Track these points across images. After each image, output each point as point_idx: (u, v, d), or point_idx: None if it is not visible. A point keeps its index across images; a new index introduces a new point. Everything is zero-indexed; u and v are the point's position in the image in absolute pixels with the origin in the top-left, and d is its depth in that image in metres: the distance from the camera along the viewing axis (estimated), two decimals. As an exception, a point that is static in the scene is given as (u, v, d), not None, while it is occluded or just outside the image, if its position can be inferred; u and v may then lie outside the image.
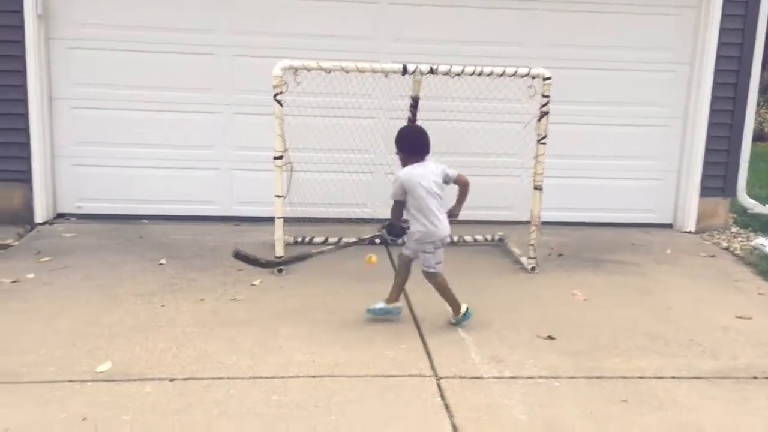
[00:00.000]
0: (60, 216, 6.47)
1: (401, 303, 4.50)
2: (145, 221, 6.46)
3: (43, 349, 3.82)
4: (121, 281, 4.93)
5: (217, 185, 6.59)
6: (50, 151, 6.34)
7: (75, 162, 6.43)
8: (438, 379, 3.67)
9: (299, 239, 5.88)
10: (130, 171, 6.47)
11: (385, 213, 6.36)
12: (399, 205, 4.33)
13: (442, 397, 3.49)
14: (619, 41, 6.65)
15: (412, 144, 4.38)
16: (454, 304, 4.36)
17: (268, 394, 3.44)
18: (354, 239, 5.18)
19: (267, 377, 3.63)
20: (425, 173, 4.25)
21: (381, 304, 4.40)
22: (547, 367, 3.85)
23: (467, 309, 4.35)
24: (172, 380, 3.55)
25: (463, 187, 4.46)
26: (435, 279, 4.35)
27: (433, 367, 3.80)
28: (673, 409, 3.44)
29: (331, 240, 5.93)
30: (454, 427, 3.22)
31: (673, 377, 3.78)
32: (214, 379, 3.58)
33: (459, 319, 4.35)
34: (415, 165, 4.29)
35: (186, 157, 6.49)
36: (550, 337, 4.23)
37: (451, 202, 4.50)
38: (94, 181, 6.46)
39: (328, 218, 6.32)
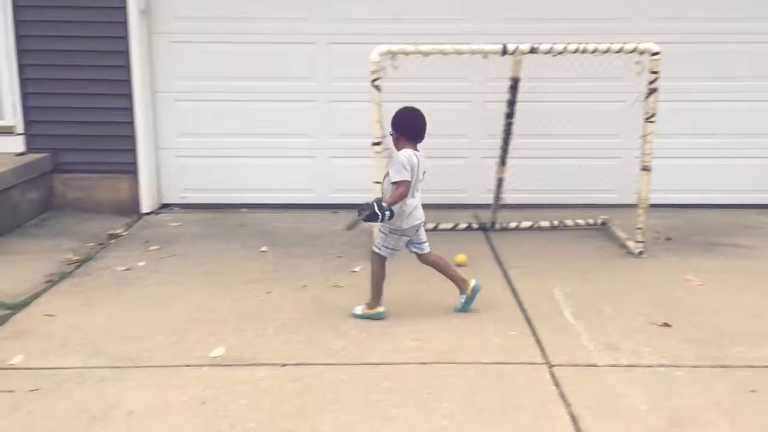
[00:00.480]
0: (164, 206, 6.68)
1: (383, 307, 4.18)
2: (244, 210, 6.59)
3: (159, 334, 3.93)
4: (226, 269, 5.04)
5: (315, 173, 6.65)
6: (154, 143, 6.54)
7: (178, 153, 6.62)
8: (550, 367, 3.56)
9: (397, 226, 5.84)
10: (229, 161, 6.61)
11: (482, 197, 6.34)
12: (406, 185, 4.00)
13: (557, 385, 3.39)
14: (730, 12, 6.28)
15: (415, 128, 4.14)
16: (459, 282, 4.23)
17: (379, 380, 3.43)
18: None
19: (376, 363, 3.61)
20: (423, 160, 4.11)
21: (358, 310, 4.19)
22: (666, 355, 3.67)
23: (476, 283, 4.21)
24: (283, 365, 3.58)
25: None
26: (429, 258, 4.25)
27: (544, 355, 3.69)
28: (809, 401, 3.23)
29: (428, 226, 5.87)
30: (573, 417, 3.11)
31: (804, 366, 3.55)
32: (324, 365, 3.59)
33: (469, 297, 4.21)
34: (414, 150, 4.09)
35: (284, 146, 6.57)
36: (666, 324, 4.04)
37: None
38: (195, 172, 6.64)
39: (424, 204, 6.26)
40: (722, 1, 6.29)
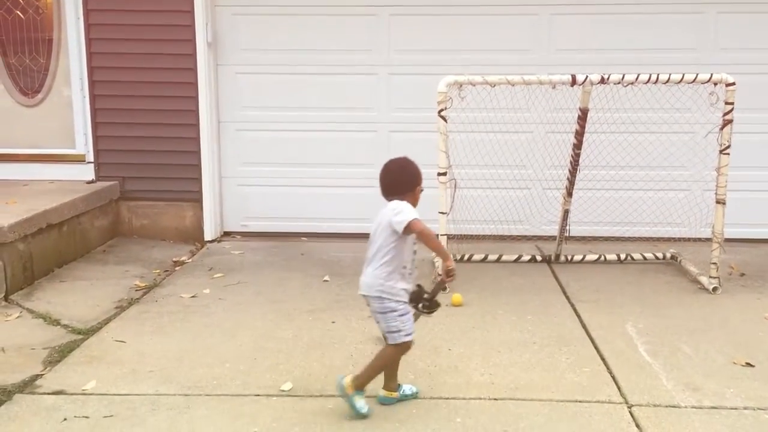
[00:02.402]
0: (226, 234, 6.74)
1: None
2: (304, 238, 6.61)
3: (227, 362, 3.93)
4: (289, 297, 5.03)
5: (375, 203, 6.57)
6: (218, 172, 6.63)
7: (240, 182, 6.69)
8: (629, 407, 3.43)
9: (458, 257, 5.78)
10: (290, 190, 6.65)
11: (544, 229, 6.24)
12: None
13: (638, 426, 3.26)
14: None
15: (380, 181, 3.55)
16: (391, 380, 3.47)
17: (451, 416, 3.35)
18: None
19: (447, 398, 3.53)
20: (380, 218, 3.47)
21: (381, 394, 3.49)
22: (752, 397, 3.51)
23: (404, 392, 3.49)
24: (351, 398, 3.52)
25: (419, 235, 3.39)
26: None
27: (622, 394, 3.56)
28: None
29: (491, 257, 5.81)
30: (657, 460, 2.99)
31: None
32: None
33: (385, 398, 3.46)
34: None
35: (344, 176, 6.59)
36: (749, 364, 3.87)
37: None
38: (256, 200, 6.70)
39: (487, 235, 6.20)
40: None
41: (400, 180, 3.46)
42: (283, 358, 4.00)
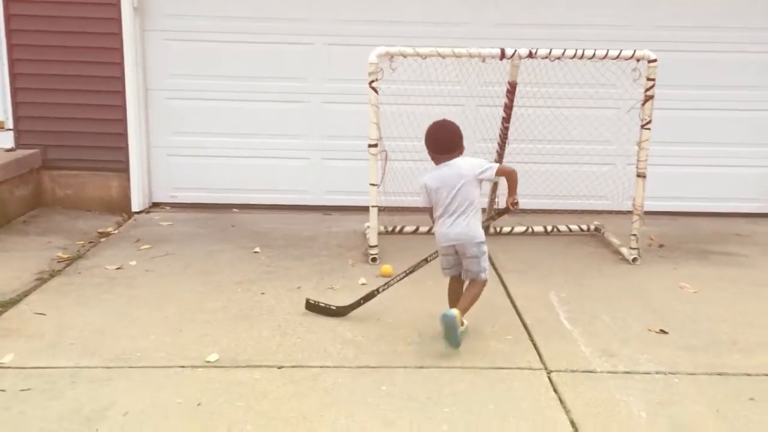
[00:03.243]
0: (155, 205, 6.61)
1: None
2: (235, 210, 6.54)
3: (152, 334, 3.88)
4: (219, 269, 4.99)
5: (308, 174, 6.61)
6: (146, 142, 6.48)
7: (169, 152, 6.56)
8: (549, 373, 3.55)
9: (390, 228, 5.82)
10: (221, 160, 6.55)
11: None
12: (430, 213, 4.01)
13: (555, 391, 3.37)
14: (725, 22, 6.33)
15: (436, 142, 3.91)
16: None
17: (377, 384, 3.39)
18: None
19: (374, 366, 3.58)
20: (448, 177, 3.80)
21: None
22: (664, 362, 3.67)
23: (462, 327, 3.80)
24: (280, 368, 3.53)
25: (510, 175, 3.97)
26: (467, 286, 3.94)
27: (542, 360, 3.68)
28: (807, 410, 3.23)
29: (422, 229, 5.86)
30: (573, 423, 3.10)
31: (803, 375, 3.56)
32: (321, 367, 3.55)
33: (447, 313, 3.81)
34: (441, 166, 3.87)
35: (277, 147, 6.53)
36: (663, 331, 4.04)
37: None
38: (187, 171, 6.58)
39: (417, 207, 6.23)
40: (720, 10, 6.32)
41: (458, 139, 3.90)
42: (210, 329, 3.97)
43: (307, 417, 3.09)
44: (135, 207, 6.40)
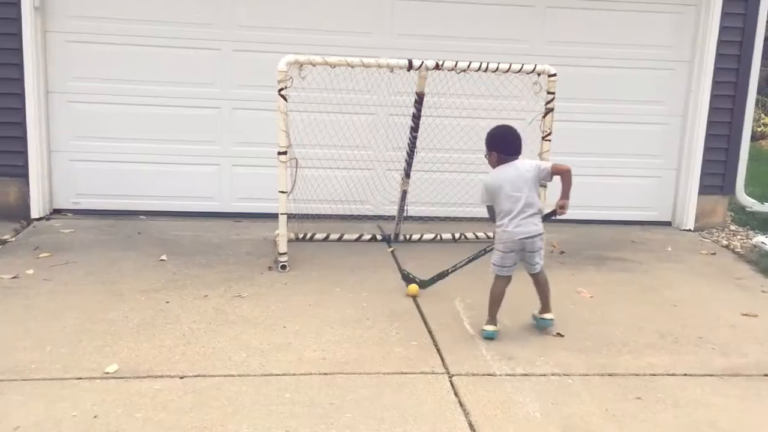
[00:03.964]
0: (56, 211, 6.38)
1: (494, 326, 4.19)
2: (142, 217, 6.39)
3: (48, 345, 3.75)
4: (123, 277, 4.87)
5: (217, 181, 6.53)
6: (46, 146, 6.25)
7: (71, 157, 6.34)
8: (450, 377, 3.65)
9: (300, 236, 5.82)
10: (127, 166, 6.39)
11: (386, 209, 6.41)
12: (490, 210, 4.26)
13: (456, 394, 3.47)
14: (619, 38, 6.66)
15: (508, 143, 4.22)
16: (545, 305, 4.31)
17: (281, 392, 3.40)
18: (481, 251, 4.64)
19: (278, 374, 3.58)
20: (517, 174, 4.11)
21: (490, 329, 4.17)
22: (559, 364, 3.83)
23: (549, 321, 4.25)
24: (182, 378, 3.49)
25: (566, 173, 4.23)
26: (536, 277, 4.28)
27: (444, 365, 3.77)
28: (687, 407, 3.44)
29: (333, 236, 5.89)
30: (471, 425, 3.20)
31: (686, 374, 3.78)
32: (224, 376, 3.53)
33: (539, 322, 4.29)
34: (503, 166, 4.17)
35: (185, 153, 6.42)
36: (559, 335, 4.22)
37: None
38: (90, 177, 6.38)
39: (329, 215, 6.27)
40: (613, 28, 6.64)
41: (522, 142, 4.26)
42: (110, 339, 3.88)
43: (208, 427, 3.07)
44: (34, 214, 6.15)
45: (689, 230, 6.86)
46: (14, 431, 2.96)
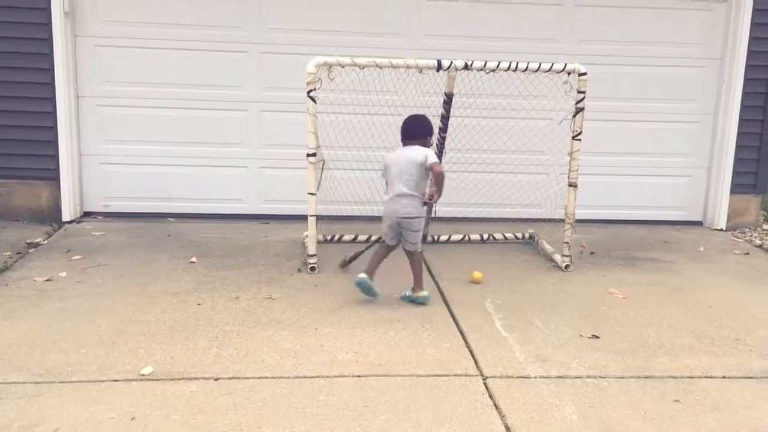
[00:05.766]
0: (87, 214, 6.45)
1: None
2: (171, 219, 6.44)
3: (84, 347, 3.78)
4: (154, 280, 4.90)
5: (246, 183, 6.56)
6: (77, 149, 6.32)
7: (102, 160, 6.41)
8: (484, 379, 3.62)
9: (329, 237, 5.83)
10: (156, 169, 6.44)
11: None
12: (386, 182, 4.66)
13: (491, 396, 3.44)
14: (650, 36, 6.60)
15: (402, 129, 4.70)
16: (418, 283, 4.63)
17: (315, 394, 3.39)
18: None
19: (312, 377, 3.57)
20: (398, 158, 4.53)
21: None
22: (595, 366, 3.78)
23: (424, 297, 4.59)
24: (216, 379, 3.50)
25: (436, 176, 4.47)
26: (411, 257, 4.65)
27: (478, 367, 3.74)
28: (728, 410, 3.38)
29: (361, 238, 5.88)
30: (507, 428, 3.16)
31: (724, 377, 3.71)
32: (258, 378, 3.53)
33: (411, 298, 4.60)
34: (399, 149, 4.63)
35: (213, 155, 6.46)
36: (594, 336, 4.17)
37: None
38: (120, 179, 6.44)
39: (357, 216, 6.26)
40: (643, 26, 6.57)
41: (419, 128, 4.63)
42: (144, 341, 3.90)
43: (244, 429, 3.07)
44: (66, 217, 6.23)
45: (721, 230, 6.77)
46: (53, 433, 2.99)
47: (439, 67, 5.03)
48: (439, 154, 5.70)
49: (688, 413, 3.34)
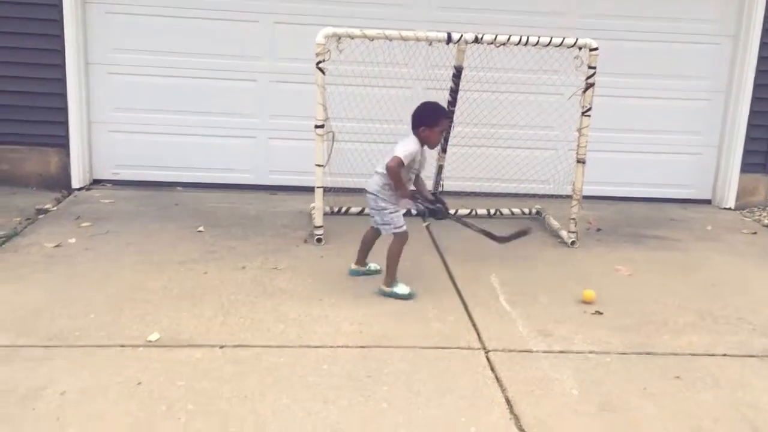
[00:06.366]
0: (96, 182, 6.49)
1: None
2: (179, 188, 6.47)
3: (92, 313, 3.83)
4: (162, 248, 4.94)
5: (254, 154, 6.57)
6: (87, 117, 6.33)
7: (111, 128, 6.43)
8: (487, 352, 3.65)
9: (336, 209, 5.85)
10: (165, 138, 6.46)
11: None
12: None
13: (493, 369, 3.47)
14: (664, 12, 6.52)
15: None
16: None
17: (318, 364, 3.43)
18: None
19: (316, 346, 3.61)
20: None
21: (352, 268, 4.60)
22: (597, 342, 3.81)
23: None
24: (222, 347, 3.54)
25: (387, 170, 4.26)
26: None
27: (481, 340, 3.77)
28: (728, 387, 3.40)
29: (368, 210, 5.88)
30: (508, 400, 3.20)
31: (725, 354, 3.73)
32: (263, 347, 3.57)
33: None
34: None
35: (222, 125, 6.47)
36: (598, 312, 4.19)
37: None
38: (129, 148, 6.46)
39: (364, 189, 6.25)
40: (657, 1, 6.49)
41: (413, 118, 4.29)
42: (151, 308, 3.94)
43: (249, 396, 3.12)
44: (75, 184, 6.27)
45: (730, 209, 6.75)
46: (61, 395, 3.04)
47: (449, 39, 4.99)
48: (448, 128, 5.69)
49: (688, 389, 3.37)
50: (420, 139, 4.25)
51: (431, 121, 4.23)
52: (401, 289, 4.28)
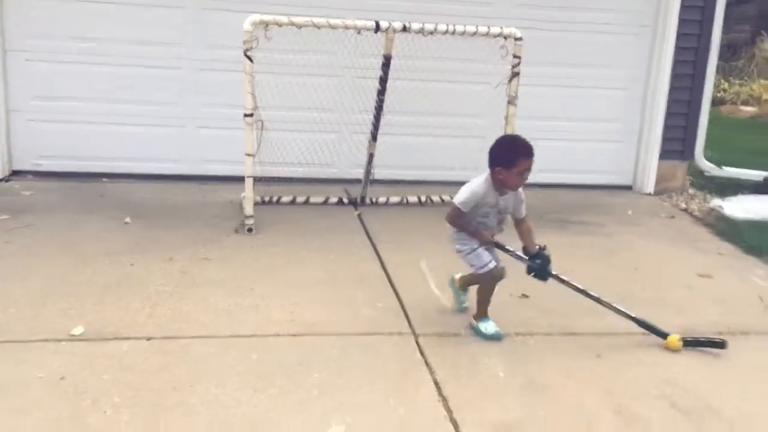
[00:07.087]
0: (15, 173, 6.26)
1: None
2: (105, 179, 6.30)
3: (12, 308, 3.71)
4: (85, 240, 4.81)
5: (183, 143, 6.45)
6: (4, 106, 6.10)
7: (31, 117, 6.21)
8: (417, 337, 3.70)
9: (267, 199, 5.80)
10: (89, 127, 6.28)
11: (352, 172, 6.41)
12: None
13: (422, 354, 3.53)
14: (586, 3, 6.69)
15: None
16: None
17: (248, 353, 3.42)
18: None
19: (246, 336, 3.60)
20: None
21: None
22: (523, 324, 3.92)
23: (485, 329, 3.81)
24: (149, 339, 3.49)
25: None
26: None
27: (411, 325, 3.83)
28: (647, 366, 3.55)
29: (300, 200, 5.89)
30: (436, 383, 3.26)
31: (644, 333, 3.88)
32: (192, 337, 3.54)
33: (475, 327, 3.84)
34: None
35: (149, 114, 6.32)
36: (524, 296, 4.30)
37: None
38: (51, 138, 6.25)
39: (295, 178, 6.25)
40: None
41: (490, 154, 3.76)
42: (75, 302, 3.85)
43: (177, 387, 3.09)
44: (-8, 175, 6.04)
45: (649, 194, 7.01)
46: (-21, 393, 2.94)
47: (378, 28, 5.02)
48: (377, 116, 5.72)
49: (608, 367, 3.51)
50: (495, 181, 3.74)
51: (507, 162, 3.65)
52: (486, 328, 3.77)
